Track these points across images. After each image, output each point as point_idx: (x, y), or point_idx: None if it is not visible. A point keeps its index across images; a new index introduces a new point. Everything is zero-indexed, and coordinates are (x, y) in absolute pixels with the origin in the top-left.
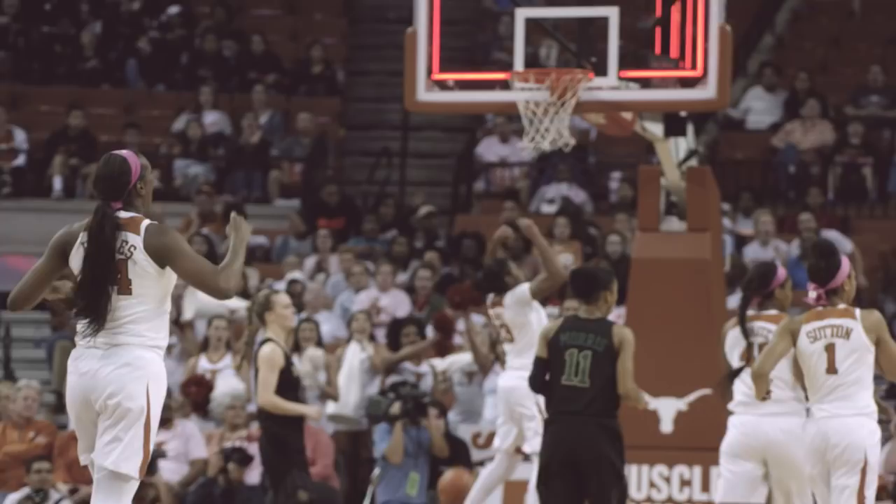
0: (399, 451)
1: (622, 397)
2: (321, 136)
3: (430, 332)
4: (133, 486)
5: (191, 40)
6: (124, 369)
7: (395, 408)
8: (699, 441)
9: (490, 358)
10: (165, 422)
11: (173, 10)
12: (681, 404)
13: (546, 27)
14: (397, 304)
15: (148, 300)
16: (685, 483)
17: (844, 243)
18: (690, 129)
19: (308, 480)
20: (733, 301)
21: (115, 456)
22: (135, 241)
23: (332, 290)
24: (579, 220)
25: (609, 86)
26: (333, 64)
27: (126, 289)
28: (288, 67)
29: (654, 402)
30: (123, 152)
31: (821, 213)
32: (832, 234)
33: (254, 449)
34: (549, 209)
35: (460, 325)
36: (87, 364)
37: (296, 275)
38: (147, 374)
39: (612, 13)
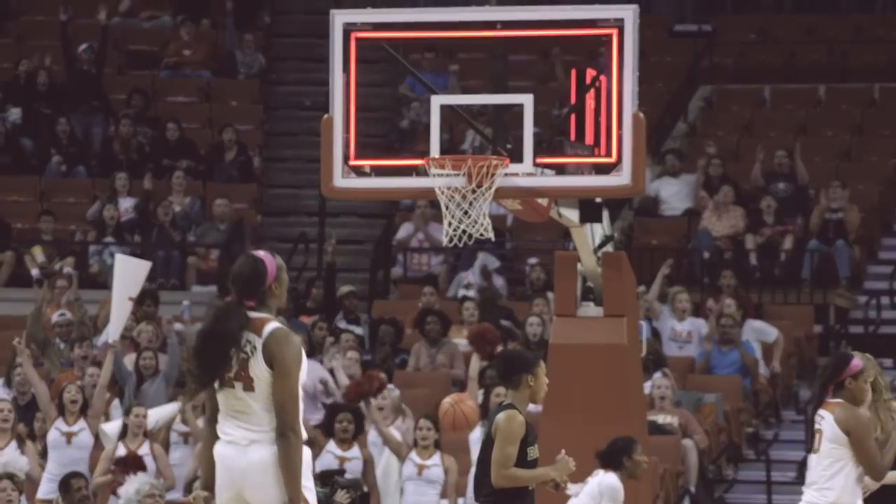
0: None
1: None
2: (238, 221)
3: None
4: None
5: (106, 127)
6: (264, 464)
7: (342, 496)
8: None
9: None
10: None
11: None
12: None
13: (462, 114)
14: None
15: (268, 399)
16: None
17: (769, 331)
18: (606, 214)
19: None
20: (649, 386)
21: None
22: (255, 342)
23: None
24: (494, 305)
25: (525, 172)
26: (249, 150)
27: (249, 385)
28: (203, 153)
29: (572, 488)
30: (261, 253)
31: (734, 298)
32: (756, 324)
33: None
34: (466, 293)
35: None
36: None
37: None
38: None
39: (526, 100)
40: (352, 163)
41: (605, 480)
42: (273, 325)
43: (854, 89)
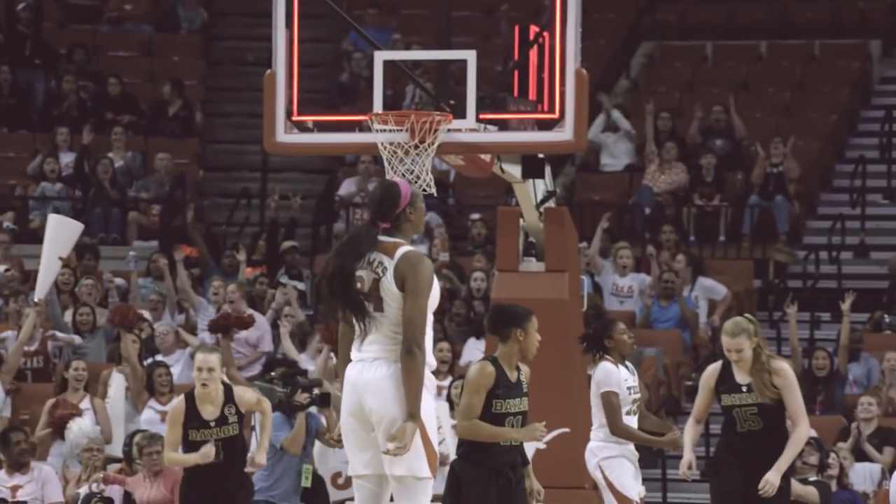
0: (301, 441)
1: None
2: (180, 176)
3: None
4: (426, 485)
5: (48, 82)
6: (384, 381)
7: (302, 397)
8: (557, 480)
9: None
10: (22, 466)
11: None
12: (539, 443)
13: (405, 70)
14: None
15: (396, 319)
16: None
17: (719, 289)
18: (548, 170)
19: None
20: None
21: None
22: (387, 263)
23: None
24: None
25: (468, 128)
26: (192, 105)
27: (379, 306)
28: (145, 108)
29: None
30: (397, 179)
31: (675, 253)
32: (707, 282)
33: (112, 492)
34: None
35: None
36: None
37: (147, 316)
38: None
39: (470, 56)
40: (294, 118)
41: (597, 369)
42: (406, 248)
43: (795, 46)
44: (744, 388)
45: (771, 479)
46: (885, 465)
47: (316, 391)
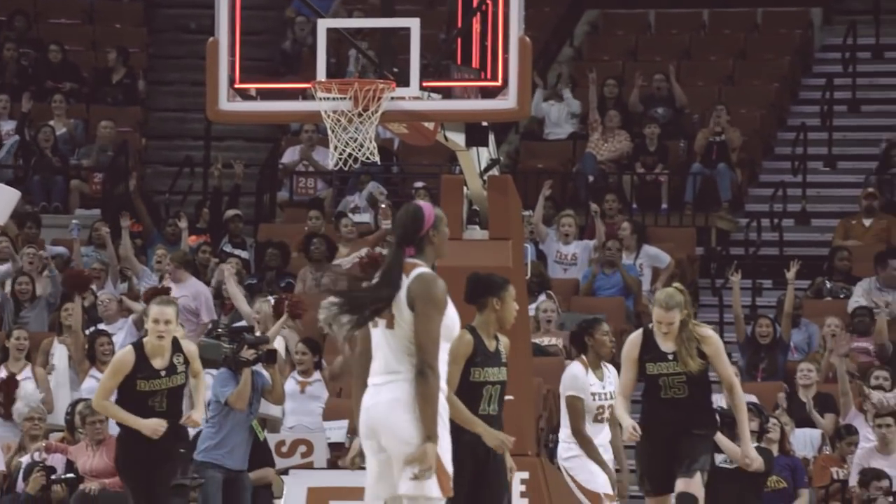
0: (246, 397)
1: None
2: (122, 144)
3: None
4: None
5: None
6: (393, 404)
7: (248, 353)
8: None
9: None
10: None
11: None
12: None
13: (348, 38)
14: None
15: (407, 339)
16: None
17: (663, 257)
18: (492, 138)
19: None
20: (534, 309)
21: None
22: (403, 282)
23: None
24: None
25: (411, 96)
26: (135, 73)
27: (390, 323)
28: (87, 76)
29: None
30: (421, 202)
31: (619, 222)
32: (652, 250)
33: (54, 460)
34: (356, 218)
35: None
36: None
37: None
38: (414, 407)
39: (413, 24)
40: (237, 86)
41: (566, 371)
42: (420, 269)
43: (737, 14)
44: (670, 357)
45: (749, 454)
46: (826, 432)
47: (263, 348)
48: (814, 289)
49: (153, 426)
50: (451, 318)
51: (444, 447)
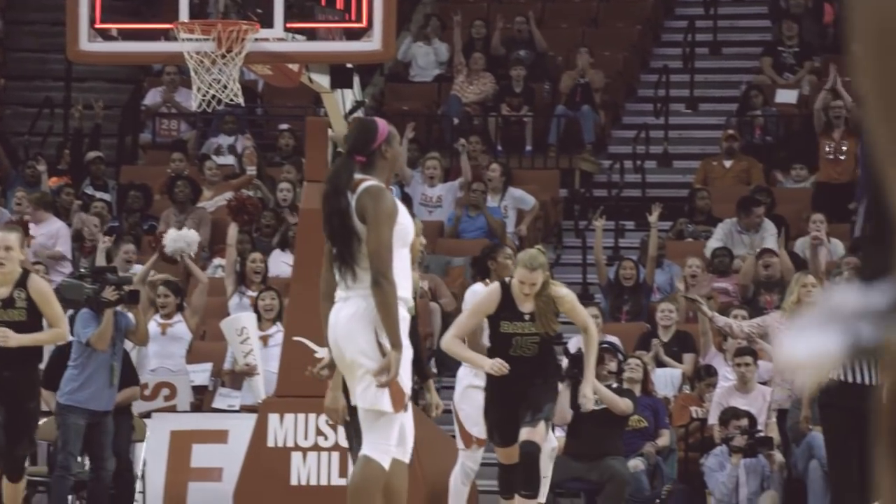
0: (108, 338)
1: None
2: None
3: None
4: (389, 420)
5: None
6: (351, 319)
7: (110, 293)
8: None
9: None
10: None
11: None
12: (317, 352)
13: None
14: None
15: (366, 255)
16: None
17: (528, 199)
18: (357, 80)
19: None
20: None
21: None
22: (350, 198)
23: None
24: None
25: (275, 37)
26: None
27: None
28: None
29: (321, 351)
30: (376, 118)
31: (484, 164)
32: (517, 192)
33: None
34: (219, 160)
35: None
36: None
37: None
38: (374, 321)
39: None
40: (98, 26)
41: (467, 291)
42: (368, 182)
43: None
44: (526, 317)
45: (587, 393)
46: (687, 372)
47: (125, 288)
48: (675, 230)
49: None
50: (404, 225)
51: (404, 362)
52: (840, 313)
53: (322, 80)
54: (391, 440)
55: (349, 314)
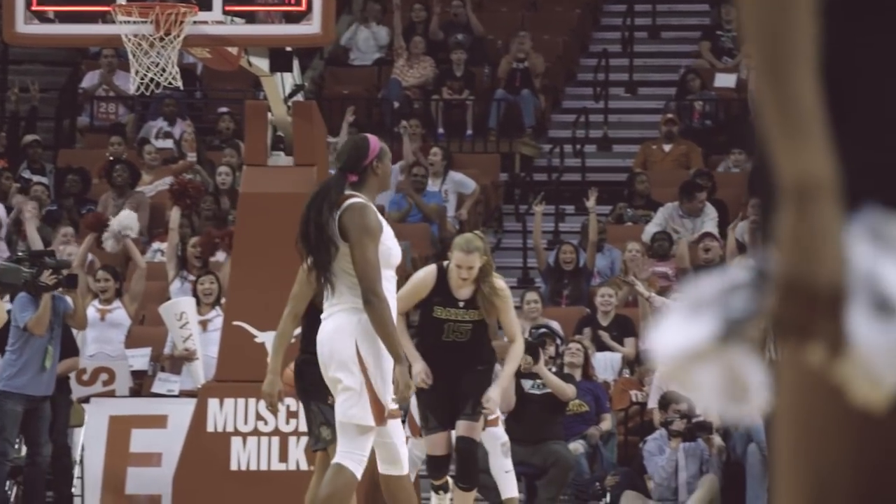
0: (45, 322)
1: None
2: None
3: None
4: (366, 434)
5: None
6: (333, 334)
7: (48, 277)
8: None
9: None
10: None
11: None
12: (259, 338)
13: None
14: None
15: (346, 270)
16: (292, 415)
17: (469, 183)
18: (296, 64)
19: None
20: None
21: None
22: (335, 214)
23: None
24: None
25: (214, 20)
26: None
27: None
28: None
29: (261, 336)
30: (368, 135)
31: (425, 148)
32: (457, 176)
33: None
34: (158, 144)
35: None
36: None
37: None
38: (354, 334)
39: None
40: (34, 8)
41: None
42: (353, 200)
43: None
44: (461, 304)
45: (493, 397)
46: (629, 356)
47: (64, 272)
48: (615, 215)
49: None
50: (388, 247)
51: (382, 376)
52: (706, 296)
53: (261, 64)
54: (366, 450)
55: (332, 328)
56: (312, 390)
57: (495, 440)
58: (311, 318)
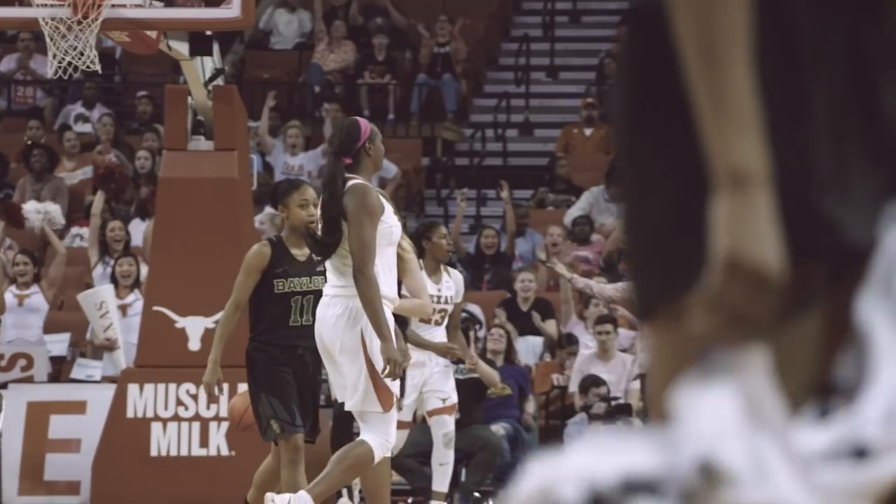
0: None
1: None
2: None
3: None
4: (382, 418)
5: None
6: (338, 319)
7: None
8: (225, 359)
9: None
10: None
11: None
12: (208, 322)
13: None
14: None
15: (343, 253)
16: (213, 400)
17: (390, 167)
18: (216, 48)
19: None
20: (259, 220)
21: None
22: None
23: None
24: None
25: (133, 4)
26: None
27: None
28: None
29: (181, 321)
30: (356, 118)
31: None
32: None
33: None
34: (78, 129)
35: None
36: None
37: None
38: (360, 322)
39: None
40: None
41: None
42: (352, 182)
43: None
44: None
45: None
46: (548, 339)
47: None
48: (537, 199)
49: None
50: (389, 224)
51: (378, 361)
52: None
53: (181, 48)
54: (390, 435)
55: (335, 314)
56: (263, 380)
57: (440, 428)
58: (258, 306)
